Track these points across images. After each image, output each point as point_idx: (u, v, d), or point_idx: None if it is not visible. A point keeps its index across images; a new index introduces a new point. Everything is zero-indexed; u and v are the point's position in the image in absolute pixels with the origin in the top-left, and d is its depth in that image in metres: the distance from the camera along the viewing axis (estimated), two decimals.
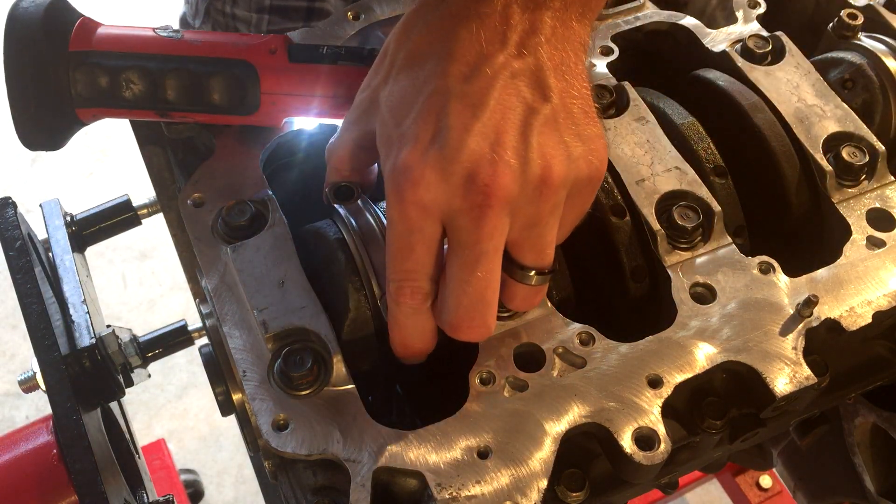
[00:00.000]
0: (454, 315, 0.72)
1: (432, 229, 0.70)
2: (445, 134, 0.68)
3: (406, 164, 0.68)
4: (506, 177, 0.67)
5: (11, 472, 0.93)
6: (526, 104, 0.69)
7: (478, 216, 0.68)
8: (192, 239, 0.86)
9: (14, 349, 2.89)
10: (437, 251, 0.72)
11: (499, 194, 0.67)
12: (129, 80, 0.86)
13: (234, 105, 0.88)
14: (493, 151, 0.67)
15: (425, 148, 0.68)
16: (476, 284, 0.70)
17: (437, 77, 0.70)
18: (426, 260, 0.71)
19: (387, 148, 0.72)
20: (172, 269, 3.04)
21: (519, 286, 0.75)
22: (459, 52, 0.71)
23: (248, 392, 0.76)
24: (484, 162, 0.67)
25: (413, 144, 0.69)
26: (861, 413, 1.10)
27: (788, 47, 0.99)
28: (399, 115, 0.72)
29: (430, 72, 0.71)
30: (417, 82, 0.72)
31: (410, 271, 0.72)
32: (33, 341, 0.89)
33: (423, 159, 0.68)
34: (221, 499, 2.62)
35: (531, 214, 0.70)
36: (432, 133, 0.69)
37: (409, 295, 0.72)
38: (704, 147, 0.92)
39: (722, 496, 2.25)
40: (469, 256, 0.69)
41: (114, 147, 3.36)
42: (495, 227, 0.68)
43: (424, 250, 0.71)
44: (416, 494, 0.74)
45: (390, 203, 0.70)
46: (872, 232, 0.88)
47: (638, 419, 0.75)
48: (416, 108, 0.70)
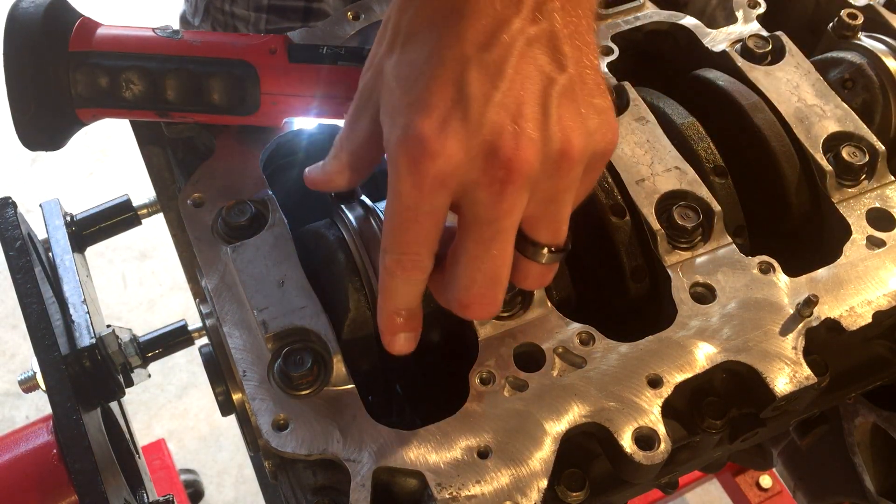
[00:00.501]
0: (466, 294, 0.69)
1: (443, 202, 0.66)
2: (466, 104, 0.64)
3: (421, 134, 0.64)
4: (528, 150, 0.64)
5: (11, 472, 0.93)
6: (543, 73, 0.66)
7: (498, 191, 0.65)
8: (192, 239, 0.86)
9: (14, 349, 2.89)
10: (442, 225, 0.68)
11: (521, 169, 0.64)
12: (129, 80, 0.86)
13: (234, 105, 0.88)
14: (514, 124, 0.64)
15: (443, 118, 0.64)
16: (490, 262, 0.67)
17: (452, 43, 0.66)
18: (432, 234, 0.68)
19: (393, 117, 0.68)
20: (172, 269, 3.04)
21: (532, 264, 0.72)
22: (474, 15, 0.66)
23: (248, 392, 0.77)
24: (506, 135, 0.64)
25: (427, 113, 0.64)
26: (861, 413, 1.10)
27: (788, 47, 0.99)
28: (408, 83, 0.67)
29: (441, 37, 0.66)
30: (428, 48, 0.67)
31: (412, 244, 0.68)
32: (33, 341, 0.89)
33: (442, 130, 0.64)
34: (221, 499, 2.62)
35: (549, 190, 0.67)
36: (450, 103, 0.65)
37: (410, 268, 0.69)
38: (704, 147, 0.92)
39: (722, 496, 2.25)
40: (485, 233, 0.66)
41: (114, 147, 3.36)
42: (515, 203, 0.65)
43: (432, 224, 0.67)
44: (416, 494, 0.74)
45: (400, 174, 0.66)
46: (872, 232, 0.88)
47: (638, 419, 0.75)
48: (429, 76, 0.66)
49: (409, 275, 0.70)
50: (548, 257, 0.71)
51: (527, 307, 0.81)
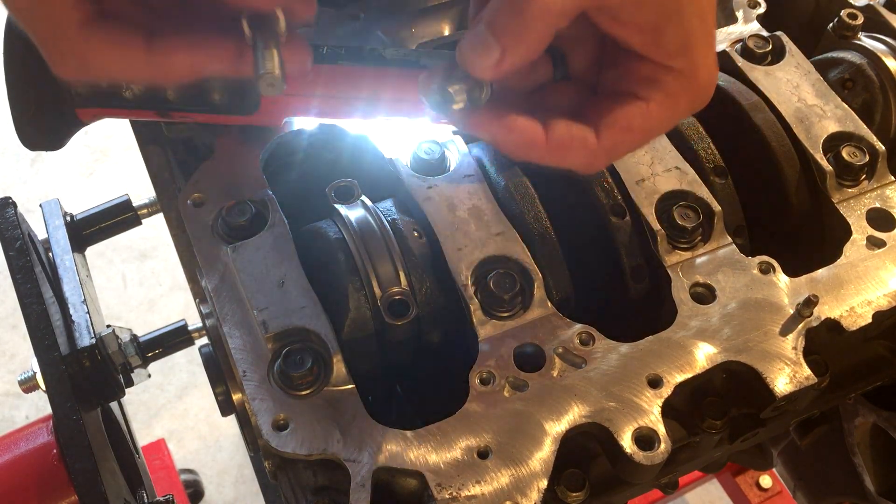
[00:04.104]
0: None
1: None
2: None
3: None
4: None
5: (11, 472, 0.93)
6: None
7: None
8: (192, 239, 0.86)
9: (14, 349, 2.89)
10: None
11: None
12: None
13: (234, 105, 0.88)
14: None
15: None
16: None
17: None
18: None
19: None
20: (172, 269, 3.03)
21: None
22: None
23: (248, 392, 0.76)
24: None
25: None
26: (861, 413, 1.10)
27: (788, 47, 0.99)
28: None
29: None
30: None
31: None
32: (33, 341, 0.90)
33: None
34: (221, 499, 2.61)
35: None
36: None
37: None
38: (704, 147, 0.92)
39: (722, 496, 2.25)
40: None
41: (114, 147, 3.36)
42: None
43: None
44: (416, 494, 0.74)
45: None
46: (872, 232, 0.88)
47: (638, 419, 0.75)
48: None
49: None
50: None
51: (527, 307, 0.81)
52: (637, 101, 0.67)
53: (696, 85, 0.67)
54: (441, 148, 0.89)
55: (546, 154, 0.68)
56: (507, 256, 0.82)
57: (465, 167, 0.88)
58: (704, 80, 0.68)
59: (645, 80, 0.67)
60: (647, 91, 0.67)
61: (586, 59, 0.72)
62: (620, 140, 0.68)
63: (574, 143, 0.68)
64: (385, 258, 0.81)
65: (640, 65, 0.67)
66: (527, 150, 0.68)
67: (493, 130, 0.68)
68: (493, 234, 0.84)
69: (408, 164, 0.88)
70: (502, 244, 0.83)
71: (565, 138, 0.67)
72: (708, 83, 0.69)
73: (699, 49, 0.67)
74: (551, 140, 0.67)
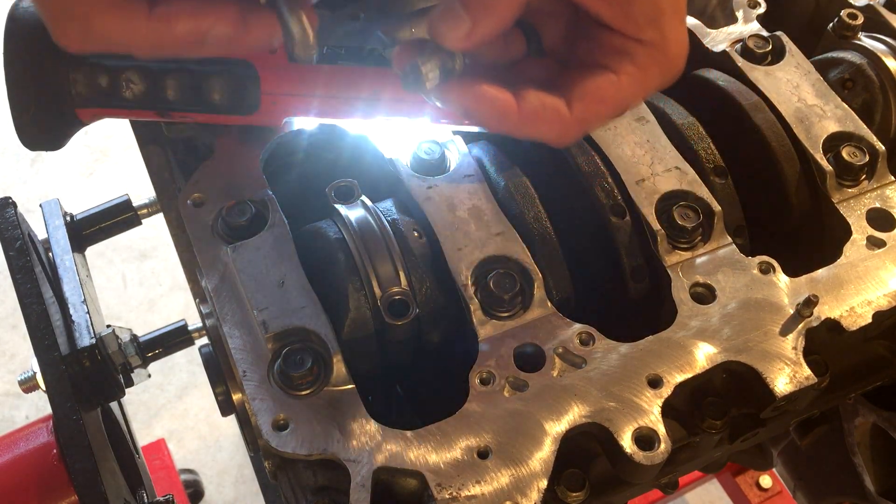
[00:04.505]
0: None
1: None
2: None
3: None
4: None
5: (11, 472, 0.93)
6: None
7: None
8: (192, 239, 0.86)
9: (14, 349, 2.89)
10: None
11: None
12: (129, 79, 0.86)
13: (234, 105, 0.88)
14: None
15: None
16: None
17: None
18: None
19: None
20: (172, 269, 3.03)
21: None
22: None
23: (248, 392, 0.76)
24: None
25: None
26: (861, 413, 1.10)
27: (788, 47, 0.99)
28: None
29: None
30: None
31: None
32: (33, 341, 0.90)
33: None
34: (221, 499, 2.61)
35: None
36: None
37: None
38: (704, 147, 0.92)
39: (722, 496, 2.25)
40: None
41: (114, 147, 3.36)
42: None
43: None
44: (416, 494, 0.74)
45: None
46: (872, 232, 0.88)
47: (638, 419, 0.75)
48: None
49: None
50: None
51: (527, 307, 0.81)
52: (608, 73, 0.68)
53: (667, 57, 0.68)
54: (441, 148, 0.89)
55: (518, 124, 0.69)
56: (507, 256, 0.82)
57: (465, 167, 0.88)
58: (674, 52, 0.69)
59: (616, 53, 0.68)
60: (618, 63, 0.68)
61: (559, 33, 0.73)
62: (592, 111, 0.69)
63: (546, 114, 0.68)
64: (385, 258, 0.81)
65: (611, 37, 0.68)
66: (499, 121, 0.69)
67: (465, 101, 0.69)
68: (493, 234, 0.84)
69: (408, 164, 0.88)
70: (502, 244, 0.83)
71: (538, 108, 0.68)
72: (678, 55, 0.69)
73: (669, 21, 0.67)
74: (523, 110, 0.68)
